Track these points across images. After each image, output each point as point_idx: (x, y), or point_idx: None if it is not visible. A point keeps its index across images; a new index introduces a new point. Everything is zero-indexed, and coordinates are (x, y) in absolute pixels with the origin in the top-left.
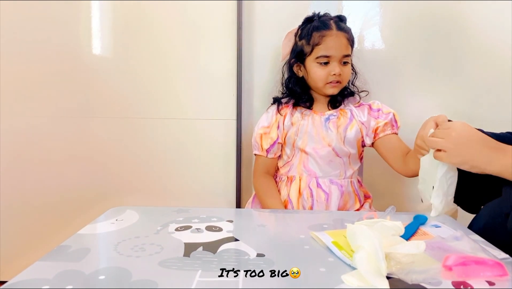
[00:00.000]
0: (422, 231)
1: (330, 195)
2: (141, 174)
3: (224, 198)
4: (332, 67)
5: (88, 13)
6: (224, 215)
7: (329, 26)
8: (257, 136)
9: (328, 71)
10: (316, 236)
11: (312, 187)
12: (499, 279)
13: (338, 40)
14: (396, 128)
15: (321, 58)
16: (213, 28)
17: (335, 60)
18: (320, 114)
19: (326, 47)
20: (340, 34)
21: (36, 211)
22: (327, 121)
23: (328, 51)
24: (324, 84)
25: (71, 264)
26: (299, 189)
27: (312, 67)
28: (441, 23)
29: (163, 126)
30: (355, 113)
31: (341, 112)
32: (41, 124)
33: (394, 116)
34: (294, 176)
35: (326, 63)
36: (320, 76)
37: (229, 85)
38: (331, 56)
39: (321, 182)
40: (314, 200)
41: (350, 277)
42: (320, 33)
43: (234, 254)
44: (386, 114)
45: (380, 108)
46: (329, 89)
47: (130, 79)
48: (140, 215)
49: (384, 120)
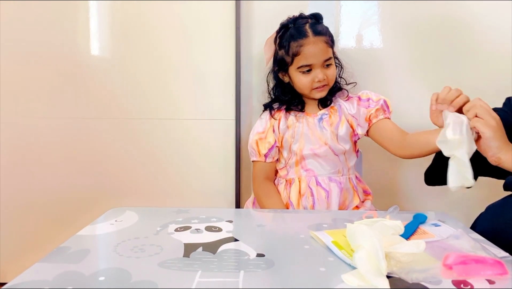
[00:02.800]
0: (421, 230)
1: (330, 193)
2: (141, 175)
3: (224, 198)
4: (315, 74)
5: (86, 14)
6: (223, 215)
7: (305, 34)
8: (253, 143)
9: (312, 78)
10: (316, 235)
11: (311, 186)
12: (499, 277)
13: (316, 47)
14: (389, 113)
15: (302, 68)
16: (211, 29)
17: (317, 67)
18: (313, 115)
19: (305, 56)
20: (317, 40)
21: (35, 212)
22: (321, 121)
23: (308, 60)
24: (310, 90)
25: (71, 265)
26: (299, 190)
27: (295, 76)
28: (439, 22)
29: (162, 127)
30: (344, 107)
31: (331, 110)
32: (39, 125)
33: (386, 102)
34: (293, 178)
35: (309, 71)
36: (305, 84)
37: (228, 85)
38: (312, 64)
39: (321, 180)
40: (314, 198)
41: (350, 277)
42: (297, 43)
43: (234, 254)
44: (376, 101)
45: (370, 98)
46: (317, 94)
47: (128, 80)
48: (139, 216)
49: (375, 107)
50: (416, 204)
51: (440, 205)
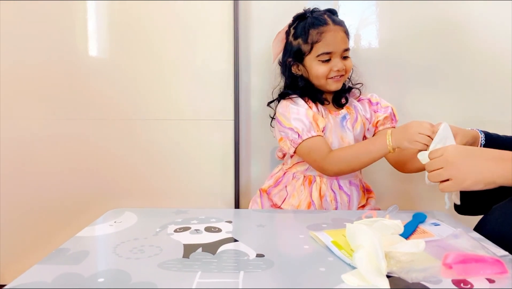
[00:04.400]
0: (421, 229)
1: (352, 197)
2: (139, 176)
3: (223, 198)
4: (334, 63)
5: (84, 14)
6: (223, 216)
7: (326, 22)
8: (308, 117)
9: (330, 68)
10: (315, 235)
11: (334, 189)
12: (499, 276)
13: (337, 35)
14: (395, 123)
15: (322, 56)
16: (210, 28)
17: (336, 56)
18: (335, 113)
19: (326, 43)
20: (337, 29)
21: (35, 214)
22: (344, 121)
23: (328, 47)
24: (326, 80)
25: (70, 267)
26: (320, 190)
27: (313, 65)
28: (438, 22)
29: (161, 127)
30: (359, 109)
31: (348, 110)
32: (37, 126)
33: (393, 111)
34: (313, 176)
35: (328, 60)
36: (322, 72)
37: (226, 85)
38: (332, 53)
39: (342, 184)
40: (338, 203)
41: (350, 277)
42: (318, 30)
43: (234, 254)
44: (384, 108)
45: (379, 102)
46: (332, 84)
47: (127, 80)
48: (138, 217)
49: (383, 114)
50: (415, 203)
51: (440, 204)
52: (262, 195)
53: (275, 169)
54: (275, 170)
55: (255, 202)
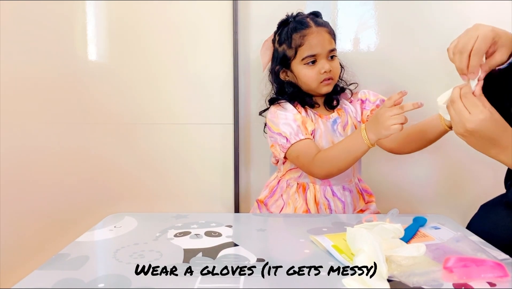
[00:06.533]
0: (421, 233)
1: (346, 203)
2: (139, 180)
3: (222, 203)
4: (321, 65)
5: (83, 17)
6: (223, 220)
7: (308, 24)
8: (296, 121)
9: (317, 70)
10: (316, 239)
11: (328, 197)
12: (499, 280)
13: (320, 36)
14: None
15: (307, 59)
16: (209, 31)
17: (322, 57)
18: (325, 117)
19: (309, 46)
20: (320, 30)
21: (34, 219)
22: (335, 125)
23: (312, 49)
24: (317, 84)
25: (70, 272)
26: (315, 198)
27: (300, 70)
28: (437, 24)
29: (160, 132)
30: (350, 110)
31: (339, 112)
32: (36, 131)
33: (383, 101)
34: (307, 183)
35: (314, 62)
36: (311, 77)
37: (226, 89)
38: (317, 54)
39: (336, 190)
40: (332, 211)
41: (351, 281)
42: (300, 33)
43: (234, 259)
44: (373, 102)
45: (367, 98)
46: (323, 88)
47: (125, 85)
48: (138, 222)
49: (371, 108)
50: (416, 207)
51: (440, 207)
52: (260, 206)
53: (271, 177)
54: (271, 178)
55: (255, 209)
